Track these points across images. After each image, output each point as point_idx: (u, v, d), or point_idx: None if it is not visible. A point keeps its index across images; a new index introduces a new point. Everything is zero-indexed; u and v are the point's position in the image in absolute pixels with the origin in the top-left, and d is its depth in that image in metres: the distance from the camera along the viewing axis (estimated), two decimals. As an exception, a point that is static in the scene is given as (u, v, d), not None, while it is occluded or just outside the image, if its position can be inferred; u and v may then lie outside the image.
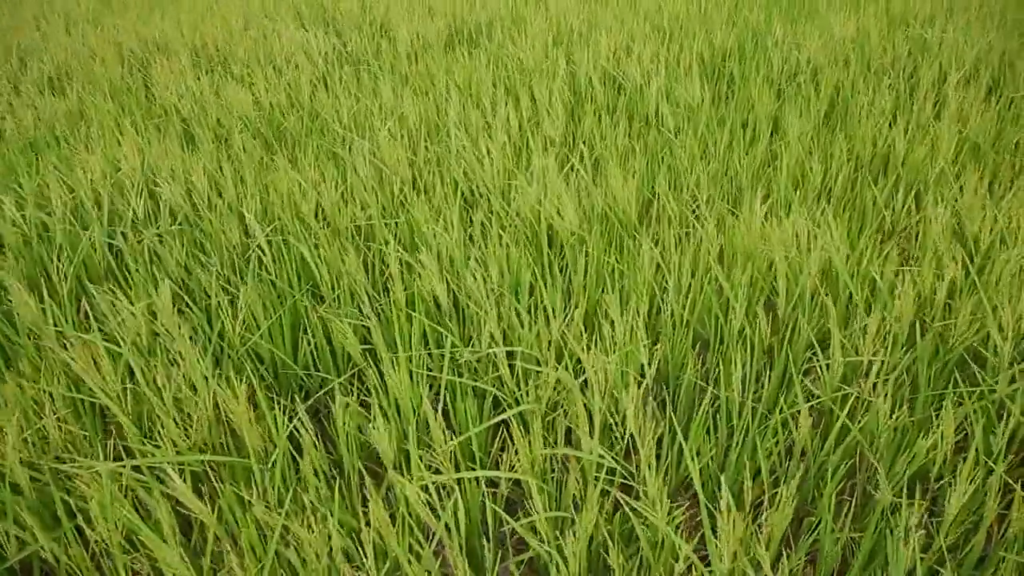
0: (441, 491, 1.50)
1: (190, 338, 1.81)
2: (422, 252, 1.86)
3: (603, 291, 1.88)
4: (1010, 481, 1.21)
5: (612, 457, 1.38)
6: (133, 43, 4.25)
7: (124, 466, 1.21)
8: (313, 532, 1.07)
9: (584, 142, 2.74)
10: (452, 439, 1.37)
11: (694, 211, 2.34)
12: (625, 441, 1.39)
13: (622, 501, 1.44)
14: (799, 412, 1.54)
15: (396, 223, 2.17)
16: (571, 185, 2.14)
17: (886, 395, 1.37)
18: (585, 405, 1.54)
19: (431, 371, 1.62)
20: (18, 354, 1.80)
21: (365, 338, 1.86)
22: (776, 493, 1.46)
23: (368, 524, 1.47)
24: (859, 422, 1.35)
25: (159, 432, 1.34)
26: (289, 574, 1.24)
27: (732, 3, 4.87)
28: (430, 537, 1.45)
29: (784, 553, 1.26)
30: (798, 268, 1.77)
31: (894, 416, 1.35)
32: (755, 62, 3.44)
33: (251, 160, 2.55)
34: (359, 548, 1.34)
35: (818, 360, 1.50)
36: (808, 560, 1.39)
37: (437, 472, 1.52)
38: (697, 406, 1.65)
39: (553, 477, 1.48)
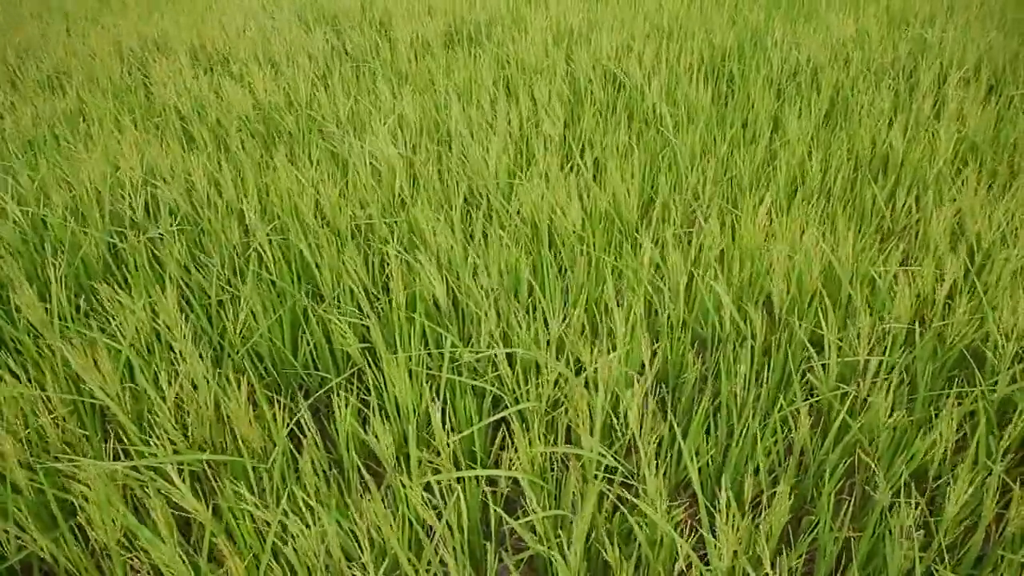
0: (442, 489, 1.50)
1: (191, 337, 1.81)
2: (421, 251, 1.86)
3: (603, 290, 1.88)
4: (1008, 481, 1.21)
5: (612, 456, 1.38)
6: (133, 42, 4.25)
7: (121, 466, 1.21)
8: (311, 529, 1.07)
9: (585, 142, 2.74)
10: (452, 438, 1.37)
11: (694, 211, 2.35)
12: (626, 440, 1.39)
13: (623, 498, 1.45)
14: (798, 411, 1.54)
15: (395, 222, 2.17)
16: (572, 184, 2.14)
17: (887, 393, 1.37)
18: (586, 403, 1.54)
19: (431, 370, 1.62)
20: (19, 352, 1.80)
21: (364, 337, 1.86)
22: (775, 492, 1.46)
23: (369, 523, 1.47)
24: (858, 421, 1.35)
25: (159, 432, 1.34)
26: (287, 572, 1.24)
27: (732, 3, 4.87)
28: (430, 535, 1.46)
29: (783, 552, 1.26)
30: (798, 268, 1.77)
31: (893, 415, 1.35)
32: (755, 62, 3.44)
33: (250, 159, 2.55)
34: (358, 546, 1.34)
35: (814, 360, 1.50)
36: (807, 559, 1.39)
37: (437, 471, 1.52)
38: (697, 405, 1.65)
39: (553, 476, 1.48)
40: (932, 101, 3.01)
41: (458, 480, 1.40)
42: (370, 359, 1.71)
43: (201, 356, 1.76)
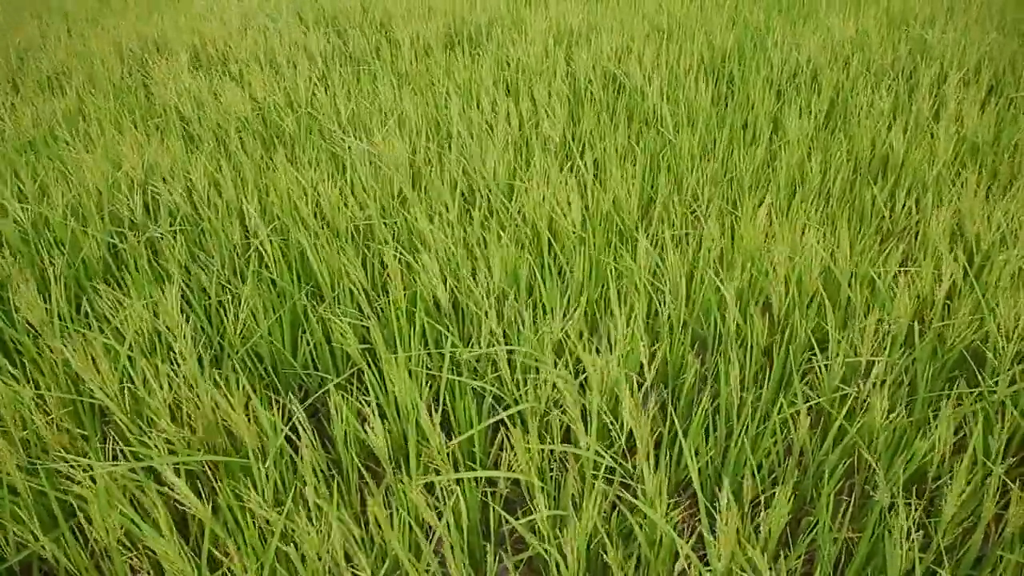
0: (441, 491, 1.50)
1: (191, 337, 1.81)
2: (421, 252, 1.86)
3: (603, 291, 1.88)
4: (1008, 481, 1.21)
5: (611, 456, 1.38)
6: (133, 42, 4.25)
7: (115, 467, 1.21)
8: (312, 530, 1.07)
9: (585, 142, 2.74)
10: (451, 439, 1.37)
11: (694, 212, 2.35)
12: (623, 441, 1.39)
13: (621, 498, 1.44)
14: (798, 412, 1.54)
15: (396, 223, 2.17)
16: (572, 185, 2.14)
17: (886, 395, 1.37)
18: (583, 405, 1.54)
19: (430, 370, 1.62)
20: (19, 352, 1.80)
21: (364, 337, 1.86)
22: (774, 493, 1.46)
23: (366, 523, 1.47)
24: (857, 422, 1.35)
25: (156, 432, 1.34)
26: (288, 572, 1.24)
27: (732, 4, 4.87)
28: (430, 536, 1.46)
29: (782, 553, 1.26)
30: (798, 269, 1.77)
31: (892, 416, 1.35)
32: (755, 62, 3.45)
33: (250, 160, 2.55)
34: (356, 547, 1.34)
35: (817, 361, 1.50)
36: (806, 560, 1.39)
37: (436, 472, 1.52)
38: (696, 406, 1.65)
39: (552, 476, 1.48)
40: (932, 102, 3.01)
41: (457, 481, 1.40)
42: (370, 359, 1.71)
43: (200, 358, 1.76)
